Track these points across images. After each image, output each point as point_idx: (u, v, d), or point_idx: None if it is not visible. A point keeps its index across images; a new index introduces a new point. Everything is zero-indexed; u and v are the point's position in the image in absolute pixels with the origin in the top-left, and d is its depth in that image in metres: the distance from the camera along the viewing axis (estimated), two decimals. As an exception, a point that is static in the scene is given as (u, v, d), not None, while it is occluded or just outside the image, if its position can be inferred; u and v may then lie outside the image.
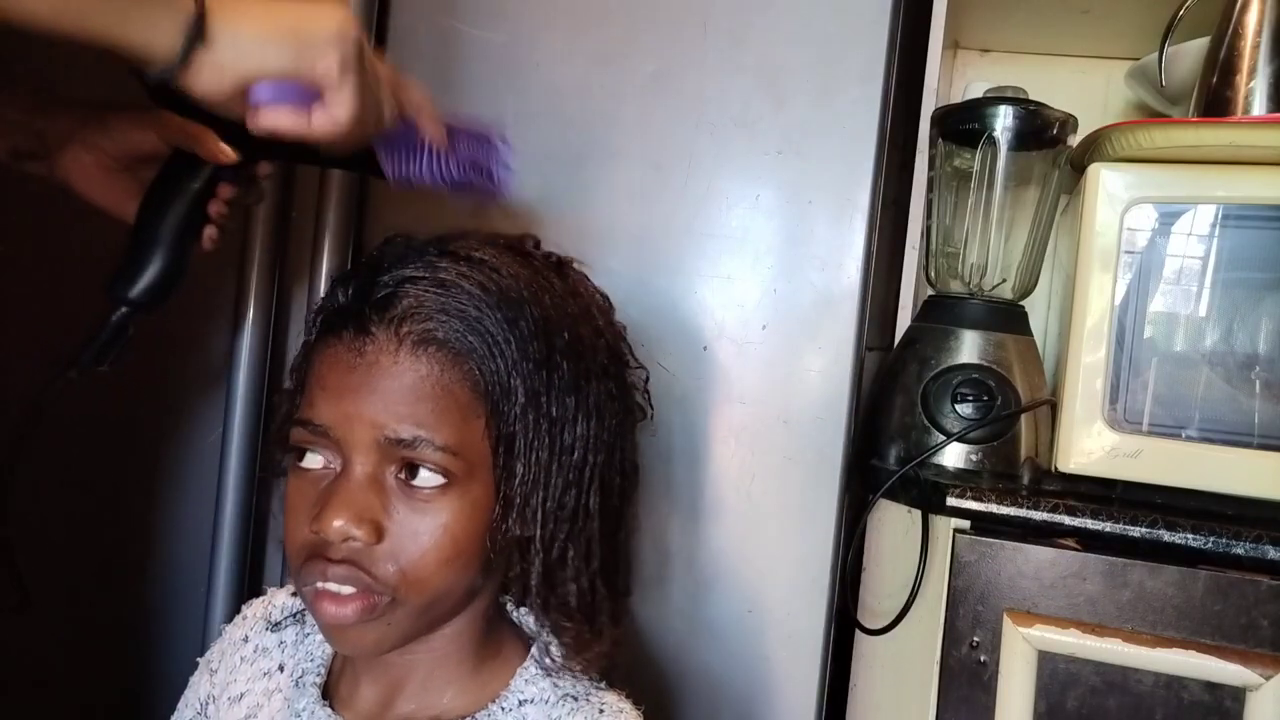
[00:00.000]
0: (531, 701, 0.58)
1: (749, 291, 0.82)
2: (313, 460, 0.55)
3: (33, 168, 0.66)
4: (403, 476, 0.53)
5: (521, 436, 0.55)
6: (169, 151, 0.64)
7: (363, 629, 0.53)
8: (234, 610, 0.83)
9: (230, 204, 0.65)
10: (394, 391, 0.52)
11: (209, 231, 0.65)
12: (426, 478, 0.53)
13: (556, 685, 0.59)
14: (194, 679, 0.68)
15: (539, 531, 0.56)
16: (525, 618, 0.63)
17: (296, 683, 0.62)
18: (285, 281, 0.90)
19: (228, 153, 0.61)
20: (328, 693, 0.61)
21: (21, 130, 0.65)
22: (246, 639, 0.66)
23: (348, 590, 0.52)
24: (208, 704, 0.65)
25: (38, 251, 0.93)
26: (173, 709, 0.68)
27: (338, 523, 0.51)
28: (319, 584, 0.52)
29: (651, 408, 0.68)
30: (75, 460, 0.91)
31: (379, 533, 0.52)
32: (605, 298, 0.64)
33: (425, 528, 0.53)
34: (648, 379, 0.67)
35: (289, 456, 0.56)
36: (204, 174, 0.63)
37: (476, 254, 0.56)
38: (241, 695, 0.63)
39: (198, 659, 0.69)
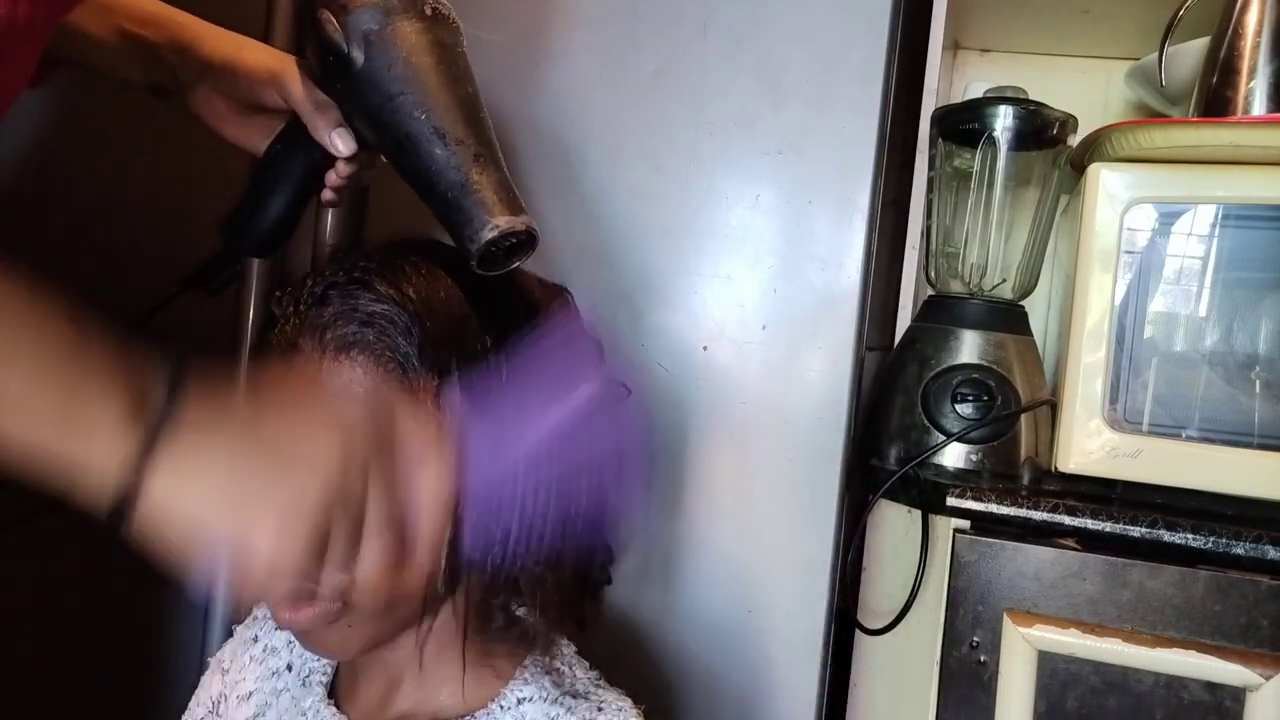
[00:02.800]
0: (530, 700, 0.57)
1: (749, 291, 0.82)
2: None
3: (169, 101, 0.67)
4: None
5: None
6: (289, 118, 0.62)
7: (323, 633, 0.54)
8: (235, 615, 0.84)
9: (347, 178, 0.63)
10: None
11: (326, 195, 0.64)
12: None
13: (556, 684, 0.59)
14: (205, 678, 0.68)
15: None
16: (524, 616, 0.63)
17: (304, 682, 0.62)
18: (285, 285, 0.90)
19: (338, 147, 0.59)
20: (333, 691, 0.62)
21: (160, 64, 0.65)
22: (256, 638, 0.67)
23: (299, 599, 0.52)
24: (219, 703, 0.66)
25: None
26: (173, 709, 0.68)
27: None
28: (276, 602, 0.53)
29: (628, 389, 0.67)
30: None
31: None
32: (564, 288, 0.64)
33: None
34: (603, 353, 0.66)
35: None
36: (314, 155, 0.61)
37: (409, 259, 0.56)
38: (250, 694, 0.64)
39: (208, 658, 0.70)
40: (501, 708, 0.57)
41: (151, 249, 0.91)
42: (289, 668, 0.64)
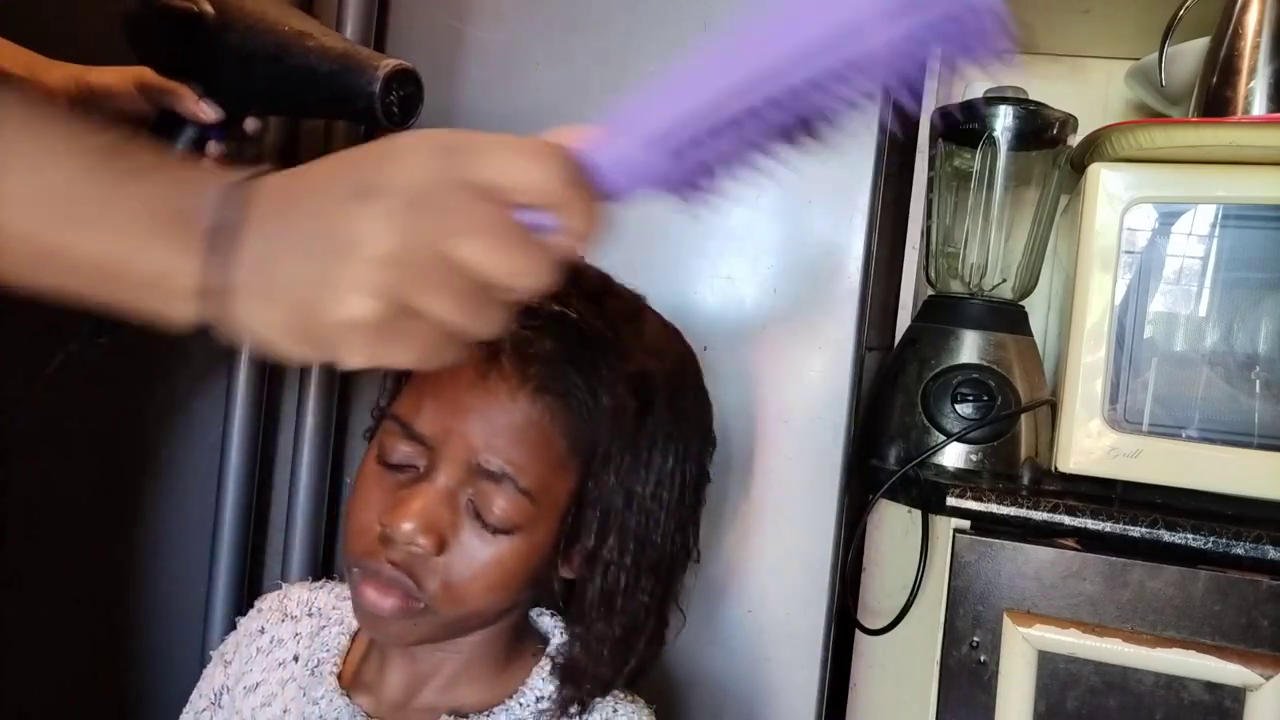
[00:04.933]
0: (549, 698, 0.59)
1: (749, 291, 0.82)
2: (399, 456, 0.56)
3: None
4: (478, 502, 0.54)
5: (602, 502, 0.56)
6: (154, 112, 0.63)
7: (391, 622, 0.55)
8: (234, 610, 0.84)
9: (223, 163, 0.63)
10: (501, 425, 0.53)
11: None
12: (499, 511, 0.54)
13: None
14: (208, 670, 0.69)
15: (594, 578, 0.58)
16: (541, 618, 0.64)
17: (312, 671, 0.63)
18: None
19: (207, 112, 0.60)
20: (344, 681, 0.62)
21: None
22: (263, 630, 0.67)
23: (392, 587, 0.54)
24: (222, 694, 0.66)
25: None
26: (173, 707, 0.68)
27: (407, 525, 0.52)
28: (368, 574, 0.54)
29: (709, 478, 0.68)
30: (76, 460, 0.91)
31: (442, 546, 0.53)
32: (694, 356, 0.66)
33: (482, 555, 0.54)
34: (714, 450, 0.67)
35: (373, 440, 0.58)
36: (188, 134, 0.62)
37: (621, 311, 0.58)
38: (257, 685, 0.64)
39: (210, 651, 0.70)
40: (521, 705, 0.59)
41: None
42: (296, 659, 0.64)
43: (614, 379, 0.55)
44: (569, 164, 0.37)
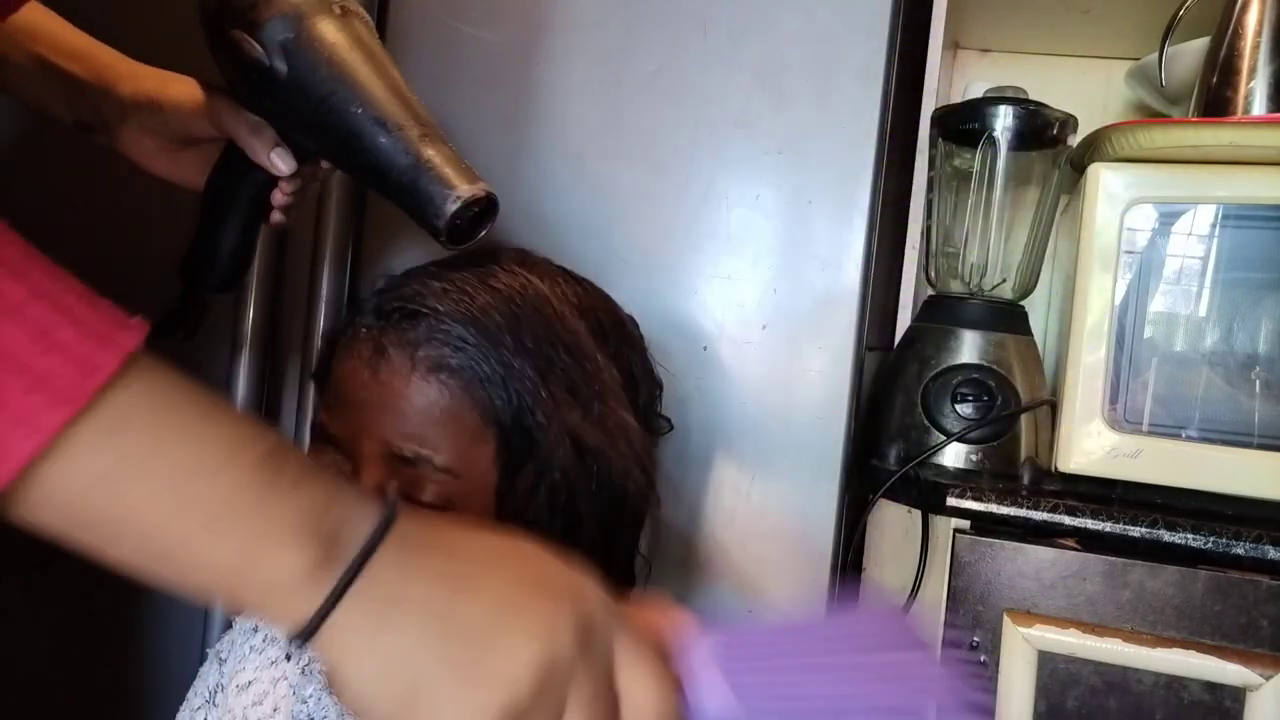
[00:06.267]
0: None
1: (749, 291, 0.82)
2: (326, 462, 0.56)
3: (97, 140, 0.65)
4: (406, 489, 0.54)
5: (531, 465, 0.56)
6: (223, 141, 0.61)
7: None
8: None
9: (292, 195, 0.63)
10: (403, 412, 0.54)
11: (276, 217, 0.63)
12: (428, 493, 0.54)
13: None
14: (204, 669, 0.69)
15: (551, 531, 0.57)
16: None
17: (303, 670, 0.63)
18: (283, 294, 0.90)
19: (279, 167, 0.58)
20: None
21: (85, 101, 0.63)
22: (256, 629, 0.67)
23: None
24: (216, 692, 0.66)
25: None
26: (172, 706, 0.68)
27: None
28: None
29: (670, 424, 0.68)
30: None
31: None
32: (631, 318, 0.66)
33: None
34: (662, 391, 0.67)
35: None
36: (256, 176, 0.60)
37: (501, 281, 0.57)
38: (249, 683, 0.64)
39: (208, 650, 0.70)
40: None
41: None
42: (288, 657, 0.65)
43: (501, 343, 0.54)
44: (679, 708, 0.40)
